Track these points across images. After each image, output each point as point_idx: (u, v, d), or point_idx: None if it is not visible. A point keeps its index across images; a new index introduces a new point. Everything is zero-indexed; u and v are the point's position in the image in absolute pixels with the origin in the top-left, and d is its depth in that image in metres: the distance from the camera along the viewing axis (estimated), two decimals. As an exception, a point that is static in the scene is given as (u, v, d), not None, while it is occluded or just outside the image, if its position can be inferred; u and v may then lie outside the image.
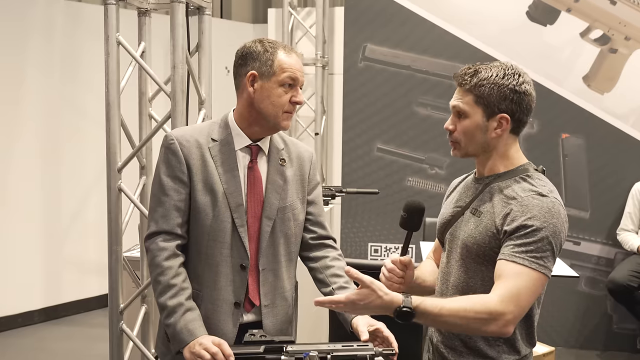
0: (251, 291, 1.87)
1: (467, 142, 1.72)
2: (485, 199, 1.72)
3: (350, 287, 1.91)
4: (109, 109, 2.43)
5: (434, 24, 4.51)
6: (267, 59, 1.82)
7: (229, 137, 1.86)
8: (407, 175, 4.64)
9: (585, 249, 4.39)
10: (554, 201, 1.65)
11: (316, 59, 5.20)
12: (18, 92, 4.73)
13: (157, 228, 1.81)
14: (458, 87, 1.74)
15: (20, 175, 4.75)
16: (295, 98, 1.83)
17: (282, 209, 1.88)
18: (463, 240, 1.74)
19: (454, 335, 1.77)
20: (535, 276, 1.59)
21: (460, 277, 1.75)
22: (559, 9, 4.33)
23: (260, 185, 1.86)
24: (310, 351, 1.58)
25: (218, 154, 1.84)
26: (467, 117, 1.70)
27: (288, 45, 1.88)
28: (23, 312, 4.79)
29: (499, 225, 1.65)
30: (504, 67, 1.71)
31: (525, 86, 1.70)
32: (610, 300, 4.26)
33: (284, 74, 1.81)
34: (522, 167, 1.73)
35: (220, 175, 1.82)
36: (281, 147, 1.93)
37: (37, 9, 4.79)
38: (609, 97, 4.33)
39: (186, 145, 1.82)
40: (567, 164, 4.39)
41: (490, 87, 1.68)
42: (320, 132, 5.24)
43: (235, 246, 1.83)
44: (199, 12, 2.52)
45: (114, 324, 2.51)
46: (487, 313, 1.54)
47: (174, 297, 1.77)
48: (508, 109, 1.68)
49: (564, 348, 4.38)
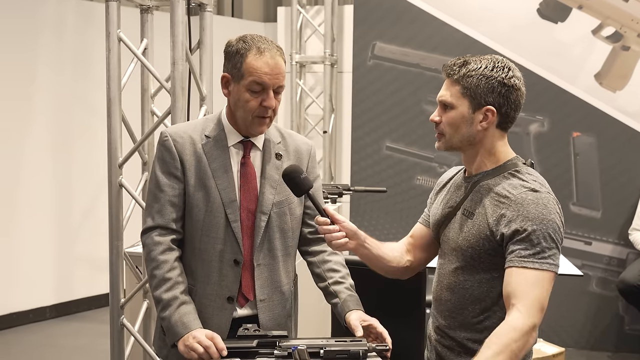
0: (244, 286, 1.87)
1: (452, 133, 1.70)
2: (476, 199, 1.70)
3: (345, 282, 1.91)
4: (110, 104, 2.45)
5: (443, 21, 4.47)
6: (236, 62, 1.78)
7: (221, 133, 1.86)
8: (416, 174, 4.61)
9: (597, 249, 4.33)
10: (548, 196, 1.64)
11: (325, 57, 5.19)
12: (29, 89, 4.79)
13: (152, 223, 1.83)
14: (446, 78, 1.73)
15: (31, 172, 4.81)
16: (265, 102, 1.77)
17: (277, 203, 1.87)
18: (457, 242, 1.72)
19: (450, 336, 1.76)
20: (548, 276, 1.59)
21: (455, 279, 1.74)
22: (571, 6, 4.28)
23: (254, 181, 1.86)
24: (299, 345, 1.58)
25: (211, 151, 1.84)
26: (452, 108, 1.69)
27: (267, 45, 1.77)
28: (34, 308, 4.85)
29: (493, 227, 1.64)
30: (494, 60, 1.69)
31: (514, 80, 1.68)
32: (622, 301, 4.20)
33: (250, 78, 1.76)
34: (510, 162, 1.72)
35: (213, 172, 1.83)
36: (277, 140, 1.91)
37: (49, 7, 4.85)
38: (621, 95, 4.27)
39: (180, 141, 1.83)
40: (578, 162, 4.33)
41: (478, 79, 1.66)
42: (328, 131, 5.24)
43: (228, 241, 1.83)
44: (200, 9, 2.54)
45: (114, 319, 2.53)
46: (522, 334, 1.54)
47: (169, 291, 1.78)
48: (495, 101, 1.67)
49: (574, 349, 4.32)
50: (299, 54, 5.37)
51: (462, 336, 1.73)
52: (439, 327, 1.81)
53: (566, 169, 4.30)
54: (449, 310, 1.77)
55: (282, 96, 1.85)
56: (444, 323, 1.79)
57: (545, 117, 4.28)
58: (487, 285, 1.69)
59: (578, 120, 4.30)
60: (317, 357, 1.64)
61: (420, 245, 1.93)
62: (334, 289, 1.89)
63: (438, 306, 1.82)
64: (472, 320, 1.72)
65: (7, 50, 4.63)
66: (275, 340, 1.69)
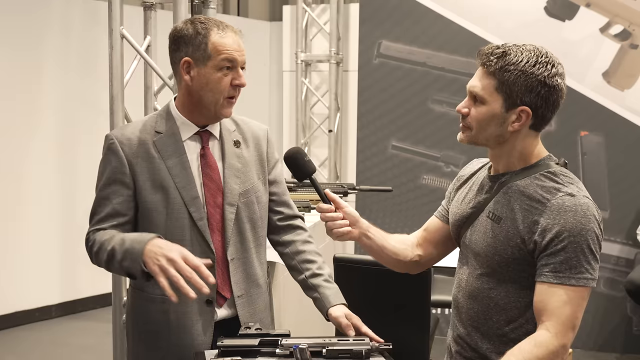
0: (220, 284, 1.78)
1: (478, 130, 1.54)
2: (504, 202, 1.56)
3: (323, 274, 1.84)
4: (112, 102, 2.45)
5: (450, 20, 4.45)
6: (199, 42, 1.68)
7: (173, 127, 1.76)
8: (422, 173, 4.59)
9: (604, 249, 4.20)
10: (587, 202, 1.50)
11: (330, 55, 5.18)
12: (36, 88, 4.80)
13: (92, 229, 1.77)
14: (480, 67, 1.54)
15: (37, 171, 4.82)
16: (237, 80, 1.71)
17: (243, 193, 1.79)
18: (482, 248, 1.59)
19: (472, 347, 1.65)
20: (584, 292, 1.48)
21: (478, 287, 1.61)
22: (578, 4, 4.24)
23: (216, 173, 1.78)
24: (300, 343, 1.56)
25: (164, 147, 1.74)
26: (483, 103, 1.52)
27: (223, 23, 1.71)
28: (40, 306, 4.85)
29: (525, 234, 1.50)
30: (537, 54, 1.51)
31: (556, 79, 1.50)
32: (630, 302, 4.16)
33: (220, 56, 1.67)
34: (542, 162, 1.56)
35: (170, 169, 1.73)
36: (232, 128, 1.83)
37: (55, 5, 4.86)
38: (630, 94, 4.22)
39: (127, 143, 1.74)
40: (586, 162, 4.30)
41: (516, 75, 1.48)
42: (334, 129, 5.22)
43: (196, 241, 1.74)
44: (204, 6, 2.53)
45: (117, 317, 2.53)
46: (549, 353, 1.46)
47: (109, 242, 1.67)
48: (532, 102, 1.49)
49: (581, 350, 4.29)
50: (304, 52, 5.36)
51: (485, 348, 1.61)
52: (460, 337, 1.67)
53: (574, 169, 4.20)
54: (471, 319, 1.64)
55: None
56: (465, 332, 1.66)
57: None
58: (515, 296, 1.56)
59: (586, 119, 4.26)
60: (320, 356, 1.62)
61: (433, 239, 1.79)
62: (311, 282, 1.82)
63: (458, 314, 1.68)
64: (497, 331, 1.59)
65: (14, 48, 4.64)
66: (277, 339, 1.67)
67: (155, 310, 1.78)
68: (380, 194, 4.48)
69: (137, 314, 1.85)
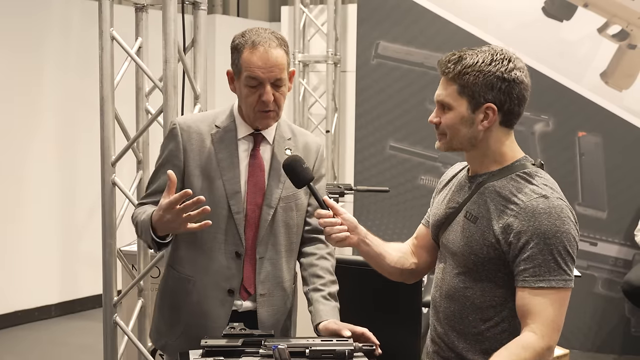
0: (246, 279, 1.86)
1: (452, 135, 1.59)
2: (480, 202, 1.59)
3: (323, 290, 1.87)
4: (102, 103, 2.47)
5: (447, 20, 4.44)
6: (235, 57, 1.80)
7: (232, 124, 1.87)
8: (420, 174, 4.58)
9: (602, 250, 4.27)
10: (560, 203, 1.53)
11: (328, 56, 5.18)
12: (35, 89, 4.83)
13: (138, 202, 1.92)
14: (442, 76, 1.60)
15: (37, 171, 4.85)
16: (263, 97, 1.76)
17: (285, 197, 1.87)
18: (458, 247, 1.62)
19: (449, 347, 1.67)
20: (564, 293, 1.53)
21: (455, 286, 1.64)
22: (576, 4, 4.22)
23: (262, 174, 1.85)
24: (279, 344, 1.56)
25: (219, 141, 1.84)
26: (450, 109, 1.57)
27: (262, 38, 1.76)
28: (40, 306, 4.88)
29: (499, 234, 1.53)
30: (492, 52, 1.57)
31: (515, 73, 1.54)
32: (628, 303, 4.13)
33: (245, 73, 1.77)
34: (518, 162, 1.60)
35: (219, 162, 1.83)
36: (288, 136, 1.91)
37: (54, 6, 4.88)
38: (628, 94, 4.20)
39: (186, 130, 1.84)
40: (584, 162, 4.28)
41: (475, 75, 1.53)
42: (331, 130, 5.23)
43: (230, 233, 1.84)
44: (194, 7, 2.54)
45: (107, 317, 2.53)
46: (538, 356, 1.49)
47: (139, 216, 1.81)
48: (495, 99, 1.54)
49: (579, 351, 4.27)
50: (302, 53, 5.37)
51: (462, 347, 1.63)
52: (438, 336, 1.70)
53: (571, 169, 4.25)
54: (447, 318, 1.67)
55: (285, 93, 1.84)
56: (442, 332, 1.68)
57: (550, 117, 4.23)
58: (491, 295, 1.59)
59: (584, 120, 4.24)
60: (303, 357, 1.62)
61: (424, 246, 1.83)
62: (311, 296, 1.88)
63: (436, 314, 1.71)
64: (473, 330, 1.62)
65: (14, 49, 4.67)
66: (260, 339, 1.67)
67: (182, 288, 1.89)
68: (378, 195, 4.48)
69: (166, 289, 1.96)
